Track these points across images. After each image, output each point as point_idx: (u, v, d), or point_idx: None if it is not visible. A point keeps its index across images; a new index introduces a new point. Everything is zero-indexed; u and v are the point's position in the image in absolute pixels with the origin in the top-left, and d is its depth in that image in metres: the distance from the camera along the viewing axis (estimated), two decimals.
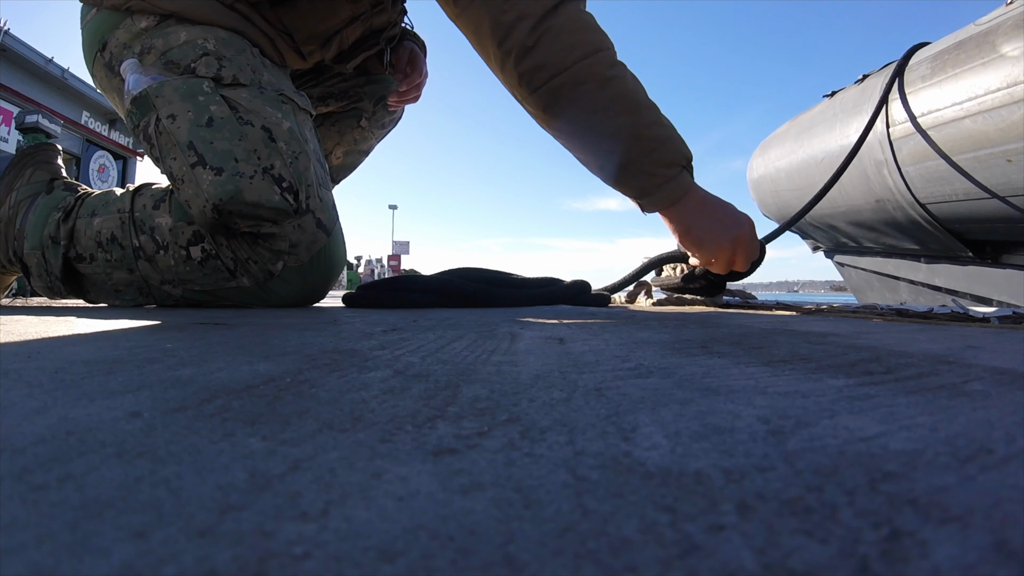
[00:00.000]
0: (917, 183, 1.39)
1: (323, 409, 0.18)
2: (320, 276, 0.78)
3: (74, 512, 0.10)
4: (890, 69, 1.48)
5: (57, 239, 0.77)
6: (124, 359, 0.28)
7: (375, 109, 1.09)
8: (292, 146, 0.71)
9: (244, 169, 0.66)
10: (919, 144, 1.33)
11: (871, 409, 0.18)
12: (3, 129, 4.41)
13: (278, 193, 0.67)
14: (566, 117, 0.73)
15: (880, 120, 1.43)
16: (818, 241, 2.15)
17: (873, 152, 1.47)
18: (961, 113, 1.21)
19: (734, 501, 0.11)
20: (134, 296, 0.79)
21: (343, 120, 1.08)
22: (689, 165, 0.76)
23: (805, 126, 1.85)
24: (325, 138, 1.08)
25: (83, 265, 0.78)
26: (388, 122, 1.14)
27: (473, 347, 0.34)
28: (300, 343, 0.35)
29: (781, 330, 0.47)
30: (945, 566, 0.08)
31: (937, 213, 1.41)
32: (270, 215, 0.68)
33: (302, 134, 0.73)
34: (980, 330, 0.49)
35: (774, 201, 2.07)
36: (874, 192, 1.55)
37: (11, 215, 0.82)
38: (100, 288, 0.80)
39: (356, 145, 1.12)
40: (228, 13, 0.75)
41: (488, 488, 0.12)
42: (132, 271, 0.76)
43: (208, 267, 0.73)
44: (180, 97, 0.67)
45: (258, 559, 0.09)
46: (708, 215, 0.78)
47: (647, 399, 0.20)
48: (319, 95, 1.02)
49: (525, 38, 0.68)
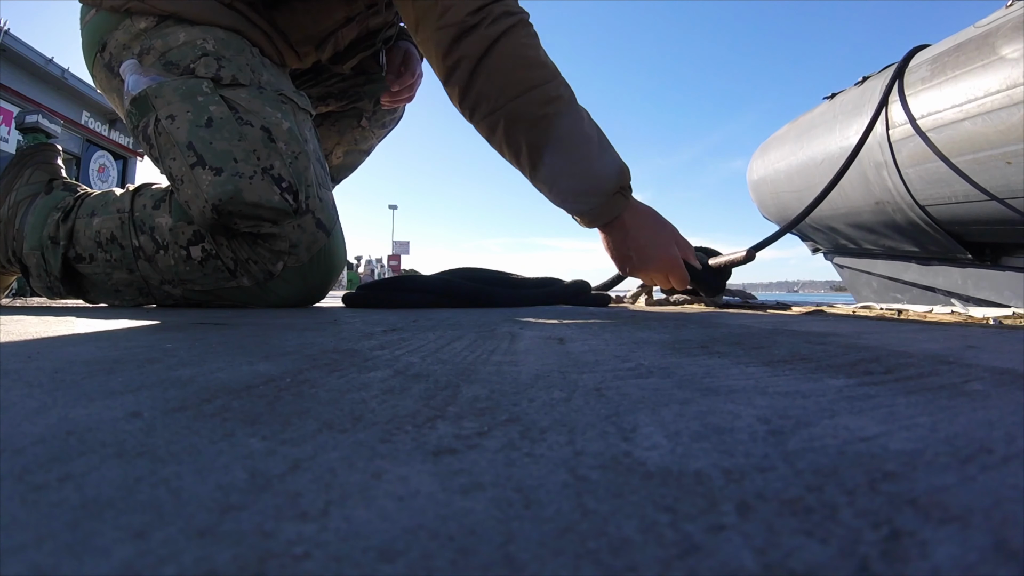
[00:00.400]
0: (917, 185, 1.39)
1: (323, 409, 0.18)
2: (320, 276, 0.78)
3: (74, 512, 0.10)
4: (890, 71, 1.48)
5: (56, 239, 0.77)
6: (124, 359, 0.28)
7: (375, 108, 1.09)
8: (292, 146, 0.71)
9: (243, 169, 0.66)
10: (919, 146, 1.33)
11: (871, 409, 0.18)
12: (3, 129, 4.41)
13: (277, 193, 0.68)
14: (505, 148, 0.78)
15: (880, 122, 1.43)
16: (817, 243, 2.15)
17: (873, 154, 1.47)
18: (961, 115, 1.21)
19: (734, 501, 0.11)
20: (134, 296, 0.79)
21: (343, 119, 1.08)
22: (623, 190, 0.79)
23: (805, 128, 1.85)
24: (325, 138, 1.08)
25: (83, 265, 0.78)
26: (389, 121, 1.15)
27: (473, 347, 0.34)
28: (300, 343, 0.35)
29: (781, 330, 0.47)
30: (945, 566, 0.08)
31: (936, 215, 1.41)
32: (270, 215, 0.69)
33: (301, 134, 0.74)
34: (980, 330, 0.49)
35: (774, 203, 2.07)
36: (874, 194, 1.55)
37: (10, 215, 0.82)
38: (100, 288, 0.80)
39: (356, 144, 1.12)
40: (227, 12, 0.75)
41: (488, 488, 0.12)
42: (132, 271, 0.76)
43: (208, 267, 0.73)
44: (179, 98, 0.67)
45: (258, 559, 0.09)
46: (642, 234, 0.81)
47: (647, 399, 0.20)
48: (319, 95, 1.02)
49: (466, 78, 0.73)
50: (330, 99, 1.05)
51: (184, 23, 0.73)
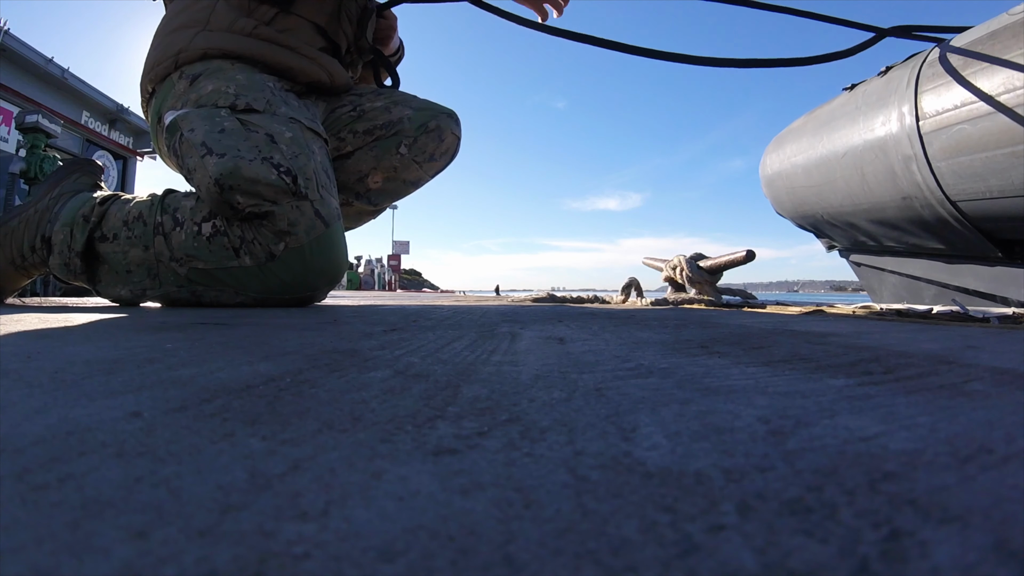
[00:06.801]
0: (949, 179, 1.30)
1: (323, 409, 0.18)
2: (320, 263, 0.81)
3: (74, 512, 0.10)
4: (917, 60, 1.40)
5: (88, 217, 0.84)
6: (124, 359, 0.28)
7: (417, 135, 1.07)
8: (292, 148, 0.80)
9: (245, 153, 0.76)
10: (952, 138, 1.25)
11: (871, 409, 0.18)
12: (3, 129, 4.41)
13: (275, 173, 0.76)
14: None
15: (909, 113, 1.35)
16: (833, 240, 2.05)
17: (901, 147, 1.39)
18: (998, 106, 1.14)
19: (734, 501, 0.11)
20: (141, 279, 0.83)
21: (381, 144, 1.07)
22: None
23: (824, 120, 1.72)
24: (360, 161, 1.07)
25: (104, 244, 0.84)
26: (438, 153, 1.12)
27: (473, 347, 0.34)
28: (300, 343, 0.35)
29: (781, 330, 0.47)
30: (945, 566, 0.08)
31: (968, 211, 1.32)
32: (268, 192, 0.76)
33: (306, 144, 0.83)
34: (980, 330, 0.49)
35: (789, 199, 1.95)
36: (901, 189, 1.44)
37: (49, 204, 0.89)
38: (112, 269, 0.84)
39: (398, 173, 1.10)
40: (251, 42, 0.89)
41: (488, 488, 0.12)
42: (147, 248, 0.81)
43: (215, 244, 0.79)
44: (200, 118, 0.81)
45: (258, 559, 0.09)
46: None
47: (647, 399, 0.20)
48: (364, 129, 1.05)
49: None
50: (376, 130, 1.06)
51: (211, 59, 0.87)
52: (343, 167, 1.05)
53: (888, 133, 1.40)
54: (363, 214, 1.15)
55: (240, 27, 0.90)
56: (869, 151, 1.44)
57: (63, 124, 2.89)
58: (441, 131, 1.09)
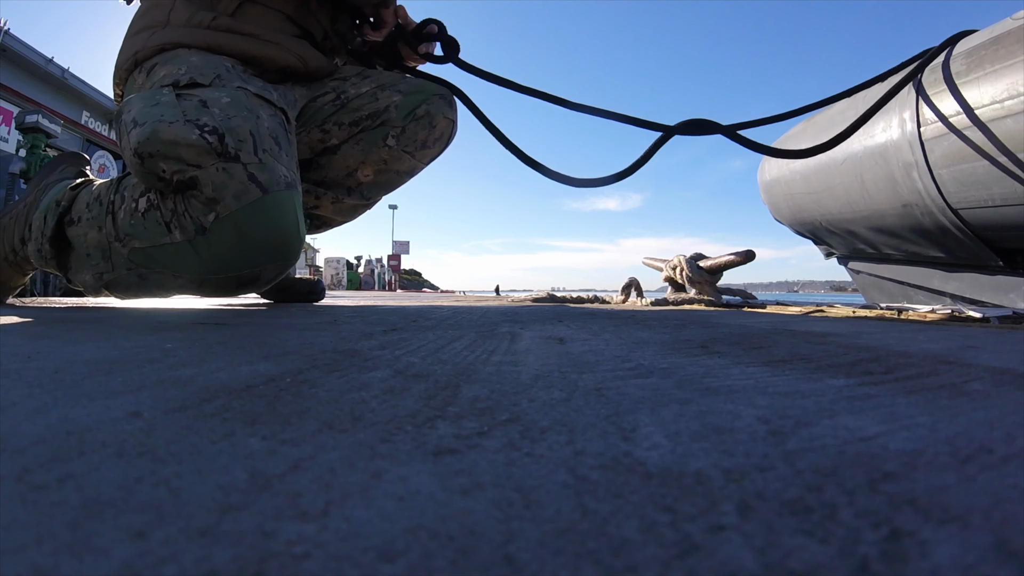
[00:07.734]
0: (950, 187, 1.28)
1: (323, 409, 0.18)
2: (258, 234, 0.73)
3: (74, 512, 0.10)
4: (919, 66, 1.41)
5: (60, 202, 0.84)
6: (124, 359, 0.28)
7: (405, 124, 1.02)
8: (227, 111, 0.74)
9: (166, 117, 0.71)
10: (954, 145, 1.23)
11: (871, 409, 0.18)
12: (3, 129, 4.42)
13: (196, 133, 0.70)
14: None
15: (910, 119, 1.33)
16: (832, 247, 2.03)
17: (902, 154, 1.37)
18: (1002, 112, 1.12)
19: (734, 501, 0.11)
20: (98, 262, 0.82)
21: (367, 136, 1.03)
22: None
23: (823, 126, 1.72)
24: (347, 155, 1.04)
25: (72, 228, 0.83)
26: (430, 140, 1.07)
27: (473, 347, 0.34)
28: (300, 343, 0.35)
29: (781, 330, 0.47)
30: (945, 566, 0.08)
31: (969, 219, 1.30)
32: (189, 155, 0.70)
33: (249, 108, 0.76)
34: (980, 330, 0.49)
35: (788, 205, 1.92)
36: (901, 196, 1.42)
37: (37, 196, 0.90)
38: (77, 255, 0.84)
39: (388, 165, 1.06)
40: (206, 32, 0.86)
41: (488, 488, 0.12)
42: (101, 228, 0.80)
43: (149, 219, 0.76)
44: (139, 99, 0.77)
45: (258, 559, 0.09)
46: None
47: (647, 399, 0.20)
48: (349, 120, 1.01)
49: None
50: (363, 122, 1.01)
51: (166, 51, 0.85)
52: (330, 162, 1.02)
53: (888, 139, 1.39)
54: (357, 207, 1.12)
55: (198, 21, 0.88)
56: (869, 158, 1.43)
57: (63, 124, 2.89)
58: (432, 117, 1.02)
